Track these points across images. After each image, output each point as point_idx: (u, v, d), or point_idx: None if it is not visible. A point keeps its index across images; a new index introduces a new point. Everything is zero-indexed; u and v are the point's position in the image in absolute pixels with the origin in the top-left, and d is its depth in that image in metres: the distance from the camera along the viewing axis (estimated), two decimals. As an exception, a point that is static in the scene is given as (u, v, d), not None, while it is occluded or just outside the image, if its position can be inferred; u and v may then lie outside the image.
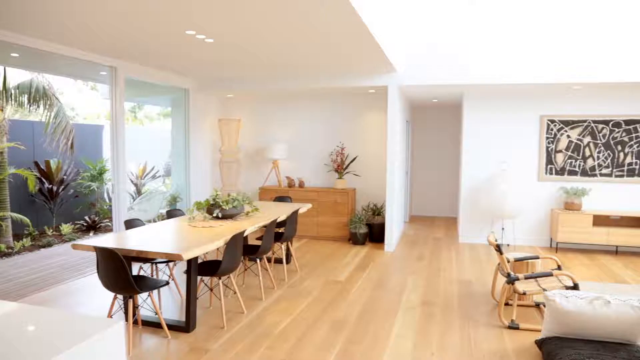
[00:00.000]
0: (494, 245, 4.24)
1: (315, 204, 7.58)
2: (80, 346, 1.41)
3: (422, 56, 6.51)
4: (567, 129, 6.91)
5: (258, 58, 5.70)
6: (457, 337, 3.86)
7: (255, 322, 4.10)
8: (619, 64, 5.96)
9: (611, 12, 5.94)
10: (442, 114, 9.92)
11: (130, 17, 3.93)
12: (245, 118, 8.42)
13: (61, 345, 1.40)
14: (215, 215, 4.73)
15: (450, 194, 10.04)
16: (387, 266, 6.04)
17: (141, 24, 4.12)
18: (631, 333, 3.27)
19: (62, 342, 1.43)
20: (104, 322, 1.59)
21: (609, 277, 5.58)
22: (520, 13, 6.18)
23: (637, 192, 6.79)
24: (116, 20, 4.03)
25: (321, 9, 3.63)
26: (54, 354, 1.35)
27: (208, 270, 4.01)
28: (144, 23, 4.10)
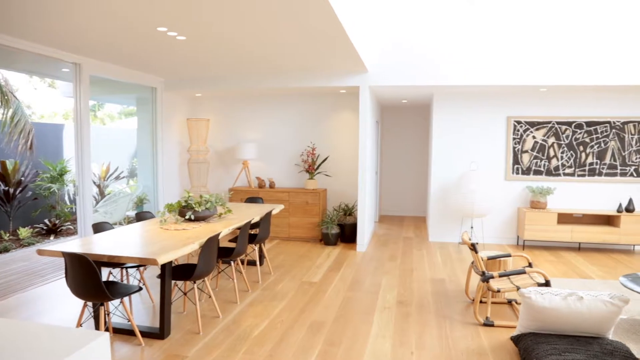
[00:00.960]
0: (469, 244, 4.29)
1: (286, 205, 7.51)
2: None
3: (393, 57, 6.55)
4: (532, 130, 7.11)
5: (230, 57, 5.59)
6: (434, 336, 3.89)
7: (231, 326, 4.01)
8: (582, 68, 6.17)
9: (576, 18, 6.14)
10: (411, 114, 10.03)
11: (98, 11, 3.76)
12: (215, 117, 8.26)
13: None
14: (187, 218, 4.60)
15: (418, 193, 10.17)
16: (360, 266, 6.04)
17: (110, 19, 3.96)
18: (602, 327, 3.37)
19: (47, 358, 1.33)
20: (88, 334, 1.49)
21: (575, 273, 5.77)
22: (489, 17, 6.31)
23: (598, 191, 7.06)
24: (82, 15, 3.86)
25: (297, 7, 3.58)
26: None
27: (182, 275, 3.89)
28: (113, 18, 3.94)
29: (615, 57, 6.12)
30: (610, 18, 6.09)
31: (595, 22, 6.12)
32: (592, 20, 6.12)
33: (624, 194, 7.03)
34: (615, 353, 3.12)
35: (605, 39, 6.12)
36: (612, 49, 6.12)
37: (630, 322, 4.17)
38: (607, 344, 3.27)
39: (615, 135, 6.94)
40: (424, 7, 6.42)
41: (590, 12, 6.11)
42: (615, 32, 6.10)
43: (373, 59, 6.59)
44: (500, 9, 6.27)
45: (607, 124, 6.95)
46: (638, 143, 6.92)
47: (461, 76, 6.41)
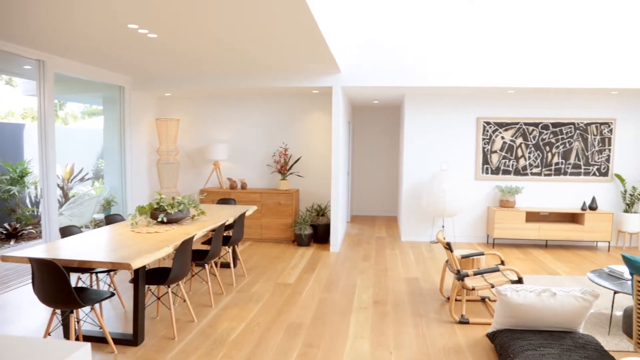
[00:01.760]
0: (444, 243, 4.34)
1: (258, 206, 7.44)
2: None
3: (365, 58, 6.58)
4: (501, 131, 7.28)
5: (202, 56, 5.49)
6: (412, 335, 3.92)
7: (207, 330, 3.93)
8: (548, 72, 6.36)
9: (542, 23, 6.32)
10: (382, 115, 10.11)
11: (65, 6, 3.62)
12: (185, 117, 8.10)
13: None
14: (160, 220, 4.48)
15: (390, 193, 10.26)
16: (334, 267, 6.03)
17: (77, 14, 3.81)
18: (574, 321, 3.47)
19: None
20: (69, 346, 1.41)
21: (543, 270, 5.93)
22: (459, 20, 6.41)
23: (563, 190, 7.30)
24: (47, 10, 3.70)
25: (273, 6, 3.53)
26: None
27: (156, 279, 3.79)
28: (81, 14, 3.80)
29: (580, 62, 6.33)
30: (575, 24, 6.29)
31: (560, 28, 6.31)
32: (558, 26, 6.31)
33: (588, 193, 7.29)
34: (587, 346, 3.22)
35: (570, 44, 6.32)
36: (577, 53, 6.33)
37: (597, 316, 4.31)
38: (579, 337, 3.36)
39: (579, 136, 7.19)
40: (396, 9, 6.47)
41: (556, 17, 6.30)
42: (579, 37, 6.31)
43: (346, 60, 6.60)
44: (470, 13, 6.38)
45: (572, 125, 7.18)
46: (600, 144, 7.19)
47: (432, 77, 6.50)
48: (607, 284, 4.04)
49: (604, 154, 7.19)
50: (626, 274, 4.20)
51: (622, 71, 6.31)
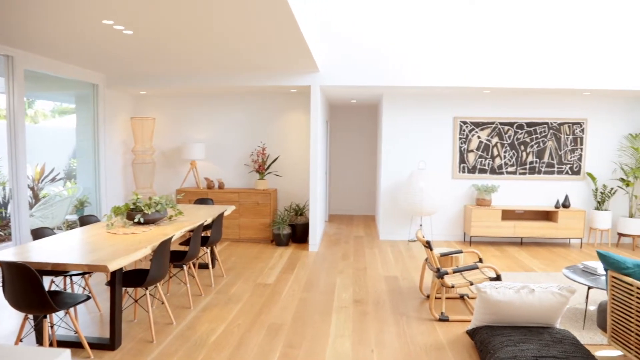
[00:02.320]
0: (424, 242, 4.37)
1: (236, 206, 7.36)
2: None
3: (343, 57, 6.57)
4: (477, 130, 7.38)
5: (179, 53, 5.40)
6: (393, 333, 3.93)
7: (186, 332, 3.86)
8: (522, 72, 6.47)
9: (517, 25, 6.43)
10: (360, 114, 10.14)
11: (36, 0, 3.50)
12: (160, 116, 7.96)
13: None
14: (136, 221, 4.39)
15: (367, 192, 10.29)
16: (313, 266, 6.01)
17: (49, 8, 3.69)
18: (551, 317, 3.54)
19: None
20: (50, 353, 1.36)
21: (519, 267, 6.03)
22: (436, 20, 6.47)
23: (538, 188, 7.45)
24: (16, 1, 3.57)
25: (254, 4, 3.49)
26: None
27: (134, 281, 3.70)
28: (53, 7, 3.68)
29: (553, 63, 6.46)
30: (549, 27, 6.42)
31: (534, 30, 6.43)
32: (532, 29, 6.43)
33: (561, 191, 7.46)
34: (564, 340, 3.28)
35: (544, 46, 6.45)
36: (551, 55, 6.46)
37: (572, 311, 4.40)
38: (556, 332, 3.43)
39: (553, 136, 7.35)
40: (375, 9, 6.49)
41: (529, 19, 6.42)
42: (553, 40, 6.44)
43: (324, 59, 6.59)
44: (446, 14, 6.45)
45: (545, 125, 7.34)
46: (572, 143, 7.36)
47: (410, 77, 6.54)
48: (581, 279, 4.14)
49: (576, 153, 7.37)
50: (599, 269, 4.30)
51: (593, 73, 6.47)
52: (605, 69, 6.47)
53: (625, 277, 3.12)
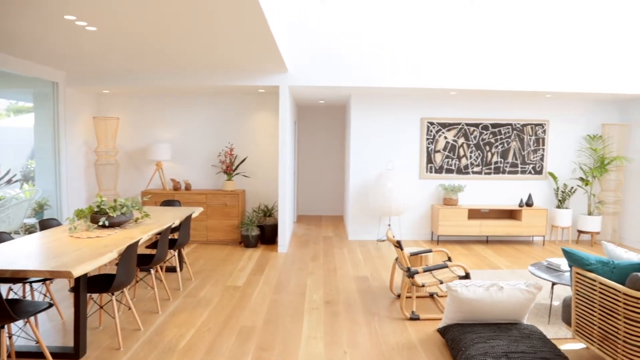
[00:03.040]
0: (394, 242, 4.40)
1: (204, 207, 7.23)
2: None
3: (312, 58, 6.56)
4: (444, 131, 7.51)
5: (144, 51, 5.25)
6: (365, 333, 3.93)
7: (155, 338, 3.75)
8: (488, 74, 6.62)
9: (482, 28, 6.57)
10: (328, 114, 10.15)
11: (-5, -5, 3.33)
12: (124, 116, 7.74)
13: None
14: (101, 224, 4.24)
15: (336, 193, 10.31)
16: (283, 268, 5.97)
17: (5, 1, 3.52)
18: (519, 313, 3.62)
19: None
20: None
21: (485, 265, 6.17)
22: (403, 22, 6.54)
23: (502, 188, 7.65)
24: (-26, -3, 3.40)
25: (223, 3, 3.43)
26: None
27: (99, 286, 3.57)
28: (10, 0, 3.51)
29: (516, 66, 6.64)
30: (512, 31, 6.60)
31: (498, 34, 6.59)
32: (496, 32, 6.58)
33: (524, 190, 7.68)
34: (531, 336, 3.36)
35: (507, 49, 6.62)
36: (513, 58, 6.63)
37: (537, 307, 4.52)
38: (524, 328, 3.51)
39: (516, 137, 7.56)
40: (342, 10, 6.50)
41: (494, 22, 6.57)
42: (515, 43, 6.61)
43: (293, 59, 6.56)
44: (413, 16, 6.53)
45: (509, 126, 7.54)
46: (535, 143, 7.59)
47: (377, 78, 6.58)
48: (546, 276, 4.26)
49: (539, 153, 7.60)
50: (563, 266, 4.44)
51: (554, 76, 6.68)
52: (565, 73, 6.69)
53: (589, 272, 3.22)
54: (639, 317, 2.79)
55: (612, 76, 6.77)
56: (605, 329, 3.06)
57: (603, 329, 3.09)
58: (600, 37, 6.73)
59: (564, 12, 6.64)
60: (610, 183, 7.56)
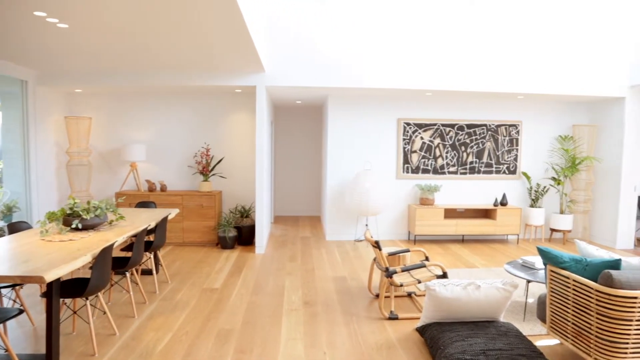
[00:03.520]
0: (373, 242, 4.42)
1: (179, 209, 7.13)
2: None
3: (289, 58, 6.54)
4: (420, 132, 7.58)
5: (118, 50, 5.14)
6: (344, 334, 3.94)
7: (131, 343, 3.67)
8: (463, 76, 6.72)
9: (456, 30, 6.66)
10: (305, 115, 10.13)
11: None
12: (97, 116, 7.56)
13: None
14: (74, 227, 4.13)
15: (313, 193, 10.31)
16: (261, 269, 5.93)
17: (-26, -1, 3.40)
18: (496, 311, 3.68)
19: None
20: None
21: (462, 264, 6.25)
22: (379, 23, 6.58)
23: (477, 188, 7.77)
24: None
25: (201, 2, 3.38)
26: None
27: (72, 291, 3.47)
28: (-21, -1, 3.39)
29: (491, 68, 6.75)
30: (487, 33, 6.71)
31: (473, 36, 6.69)
32: (470, 35, 6.68)
33: (499, 190, 7.82)
34: (508, 333, 3.42)
35: (482, 51, 6.72)
36: (487, 60, 6.75)
37: (513, 305, 4.60)
38: (501, 325, 3.57)
39: (491, 137, 7.69)
40: (320, 11, 6.50)
41: (468, 26, 6.67)
42: (490, 46, 6.73)
43: (270, 59, 6.52)
44: (389, 18, 6.57)
45: (484, 127, 7.66)
46: (509, 144, 7.73)
47: (355, 79, 6.61)
48: (521, 274, 4.34)
49: (513, 153, 7.75)
50: (537, 264, 4.53)
51: (527, 78, 6.83)
52: (536, 75, 6.84)
53: (563, 270, 3.29)
54: (610, 313, 2.87)
55: (582, 79, 6.96)
56: (579, 324, 3.14)
57: (577, 325, 3.16)
58: (570, 42, 6.90)
59: (537, 16, 6.79)
60: (581, 182, 7.76)
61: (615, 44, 7.03)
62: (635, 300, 2.81)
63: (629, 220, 7.32)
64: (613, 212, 7.41)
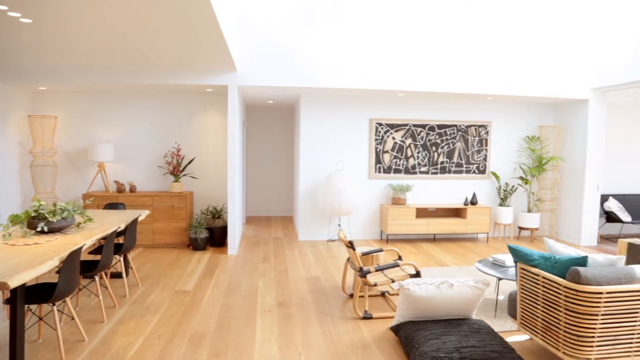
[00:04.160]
0: (346, 242, 4.43)
1: (150, 210, 6.99)
2: None
3: (261, 57, 6.50)
4: (392, 132, 7.65)
5: (85, 46, 5.00)
6: (319, 334, 3.93)
7: (100, 349, 3.57)
8: (434, 77, 6.81)
9: (428, 33, 6.75)
10: (277, 115, 10.09)
11: None
12: (63, 115, 7.33)
13: None
14: (39, 230, 3.99)
15: (285, 193, 10.27)
16: (234, 270, 5.87)
17: None
18: (469, 309, 3.74)
19: None
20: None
21: (433, 262, 6.33)
22: (351, 24, 6.60)
23: (448, 187, 7.90)
24: None
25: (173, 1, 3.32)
26: None
27: (38, 297, 3.35)
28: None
29: (460, 69, 6.87)
30: (457, 36, 6.82)
31: (444, 38, 6.79)
32: (442, 37, 6.78)
33: (469, 189, 7.96)
34: (481, 330, 3.48)
35: (452, 52, 6.83)
36: (458, 62, 6.86)
37: (484, 302, 4.69)
38: (474, 323, 3.63)
39: (461, 137, 7.83)
40: (293, 10, 6.48)
41: (439, 28, 6.77)
42: (460, 47, 6.84)
43: (241, 58, 6.46)
44: (361, 19, 6.60)
45: (455, 127, 7.79)
46: (479, 144, 7.89)
47: (327, 79, 6.61)
48: (492, 272, 4.42)
49: (482, 153, 7.91)
50: (507, 262, 4.62)
51: (495, 80, 6.98)
52: (506, 77, 7.00)
53: (532, 268, 3.37)
54: (578, 308, 2.95)
55: (548, 81, 7.16)
56: (548, 320, 3.22)
57: (546, 321, 3.25)
58: (537, 46, 7.09)
59: (506, 21, 6.94)
60: (547, 182, 7.99)
61: (579, 48, 7.25)
62: (601, 296, 2.90)
63: (593, 218, 7.57)
64: (577, 210, 7.65)
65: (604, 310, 2.93)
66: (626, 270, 3.02)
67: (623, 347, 3.04)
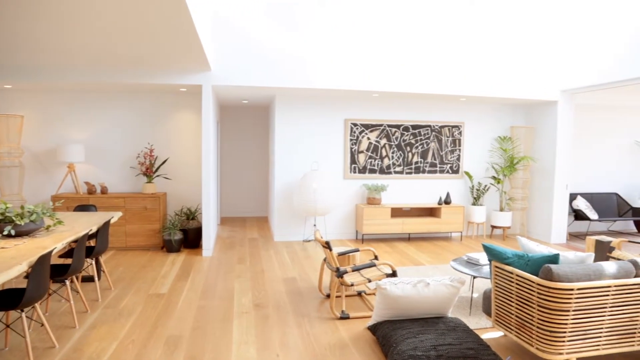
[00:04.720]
0: (323, 242, 4.43)
1: (122, 212, 6.84)
2: None
3: (236, 57, 6.44)
4: (367, 132, 7.69)
5: (53, 42, 4.85)
6: (296, 335, 3.92)
7: (72, 355, 3.47)
8: (408, 78, 6.88)
9: (402, 33, 6.81)
10: (251, 115, 10.02)
11: None
12: (30, 114, 7.10)
13: None
14: (6, 234, 3.85)
15: (260, 194, 10.22)
16: (209, 272, 5.80)
17: None
18: (445, 307, 3.79)
19: None
20: None
21: (408, 261, 6.40)
22: (327, 25, 6.61)
23: (423, 187, 7.99)
24: None
25: None
26: None
27: (5, 303, 3.24)
28: None
29: (434, 71, 6.96)
30: (431, 37, 6.90)
31: (418, 40, 6.87)
32: (415, 38, 6.86)
33: (443, 189, 8.08)
34: (457, 328, 3.53)
35: (426, 54, 6.92)
36: (432, 63, 6.95)
37: (459, 300, 4.76)
38: (450, 321, 3.68)
39: (435, 138, 7.93)
40: (268, 10, 6.44)
41: (413, 30, 6.84)
42: (434, 48, 6.93)
43: (216, 58, 6.39)
44: (336, 18, 6.62)
45: (429, 127, 7.89)
46: (452, 144, 8.01)
47: (302, 79, 6.61)
48: (467, 270, 4.49)
49: (455, 153, 8.03)
50: (482, 260, 4.71)
51: (468, 81, 7.10)
52: (478, 79, 7.13)
53: (506, 266, 3.44)
54: (550, 304, 3.02)
55: (519, 83, 7.32)
56: (522, 317, 3.29)
57: (520, 318, 3.31)
58: (509, 48, 7.24)
59: (477, 23, 7.07)
60: (519, 181, 8.17)
61: (549, 51, 7.44)
62: (572, 292, 2.98)
63: (562, 217, 7.78)
64: (547, 209, 7.85)
65: (575, 306, 3.01)
66: (595, 267, 3.11)
67: (592, 341, 3.13)
